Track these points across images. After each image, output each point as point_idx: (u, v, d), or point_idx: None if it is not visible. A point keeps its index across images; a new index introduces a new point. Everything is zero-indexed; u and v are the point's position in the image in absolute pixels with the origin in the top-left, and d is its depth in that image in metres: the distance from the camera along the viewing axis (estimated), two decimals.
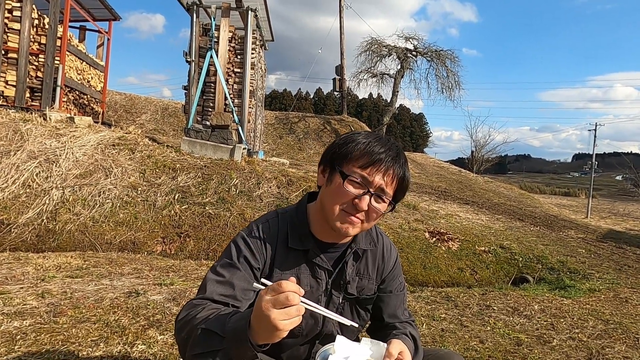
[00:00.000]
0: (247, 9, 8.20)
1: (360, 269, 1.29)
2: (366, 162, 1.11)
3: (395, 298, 1.35)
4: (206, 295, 1.08)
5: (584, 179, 63.71)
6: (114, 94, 16.39)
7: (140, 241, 5.08)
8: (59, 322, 2.51)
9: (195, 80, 8.02)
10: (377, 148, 1.12)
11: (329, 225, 1.17)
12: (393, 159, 1.12)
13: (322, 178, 1.20)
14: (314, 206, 1.24)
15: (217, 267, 1.15)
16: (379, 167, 1.11)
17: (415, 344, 1.26)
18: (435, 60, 20.27)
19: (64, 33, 8.38)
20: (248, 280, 1.14)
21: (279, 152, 15.21)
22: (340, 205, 1.13)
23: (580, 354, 2.74)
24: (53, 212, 5.21)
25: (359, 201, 1.10)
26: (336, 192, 1.13)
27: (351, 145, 1.14)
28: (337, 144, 1.18)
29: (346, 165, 1.13)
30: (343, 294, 1.26)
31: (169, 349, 2.30)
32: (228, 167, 6.92)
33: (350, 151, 1.13)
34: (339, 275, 1.25)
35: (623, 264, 6.14)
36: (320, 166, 1.22)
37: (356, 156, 1.12)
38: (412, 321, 1.37)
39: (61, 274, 3.58)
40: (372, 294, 1.31)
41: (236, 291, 1.11)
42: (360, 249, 1.28)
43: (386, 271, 1.34)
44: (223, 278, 1.12)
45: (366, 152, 1.12)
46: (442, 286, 4.87)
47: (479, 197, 11.85)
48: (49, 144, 6.33)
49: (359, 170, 1.11)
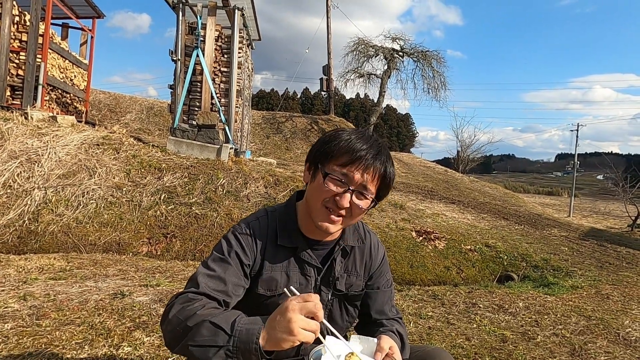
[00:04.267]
0: (234, 7, 8.16)
1: (348, 265, 1.30)
2: (347, 159, 1.12)
3: (382, 294, 1.36)
4: (200, 289, 1.07)
5: (567, 178, 64.98)
6: (97, 92, 16.12)
7: (126, 242, 5.01)
8: (42, 324, 2.46)
9: (181, 80, 7.94)
10: (358, 145, 1.13)
11: (313, 223, 1.18)
12: (374, 156, 1.13)
13: (307, 175, 1.22)
14: (302, 204, 1.25)
15: (208, 261, 1.15)
16: (359, 164, 1.11)
17: (402, 341, 1.28)
18: (421, 61, 20.42)
19: (45, 30, 8.22)
20: (239, 276, 1.15)
21: (266, 152, 15.16)
22: (322, 202, 1.14)
23: (563, 350, 2.80)
24: (35, 213, 5.11)
25: (340, 198, 1.12)
26: (318, 190, 1.14)
27: (334, 142, 1.15)
28: (321, 142, 1.19)
29: (328, 163, 1.14)
30: (332, 290, 1.27)
31: (155, 351, 2.27)
32: (215, 167, 6.87)
33: (332, 149, 1.14)
34: (327, 272, 1.26)
35: (604, 261, 6.29)
36: (306, 164, 1.23)
37: (338, 154, 1.13)
38: (400, 318, 1.38)
39: (44, 276, 3.51)
40: (360, 291, 1.32)
41: (228, 286, 1.11)
42: (349, 246, 1.29)
43: (374, 268, 1.35)
44: (214, 272, 1.12)
45: (347, 150, 1.12)
46: (429, 284, 4.92)
47: (465, 196, 11.99)
48: (30, 143, 6.20)
49: (340, 168, 1.12)
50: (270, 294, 1.20)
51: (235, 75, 8.27)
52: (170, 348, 1.01)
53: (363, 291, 1.34)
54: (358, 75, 21.07)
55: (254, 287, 1.20)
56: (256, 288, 1.20)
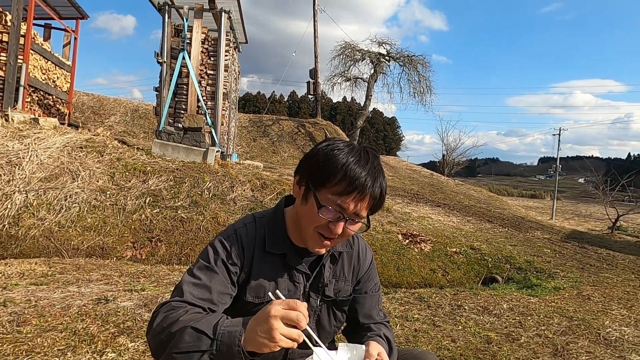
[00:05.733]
0: (221, 10, 8.12)
1: (336, 271, 1.30)
2: (343, 189, 1.07)
3: (370, 299, 1.36)
4: (184, 298, 1.06)
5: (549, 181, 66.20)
6: (81, 94, 15.86)
7: (110, 246, 4.93)
8: (23, 331, 2.41)
9: (167, 82, 7.87)
10: (357, 172, 1.07)
11: (304, 243, 1.19)
12: (371, 185, 1.09)
13: (297, 190, 1.17)
14: (291, 211, 1.24)
15: (194, 270, 1.13)
16: (355, 195, 1.08)
17: (389, 345, 1.28)
18: (407, 65, 20.66)
19: (27, 31, 8.07)
20: (225, 284, 1.13)
21: (253, 155, 15.09)
22: (315, 227, 1.13)
23: (546, 350, 2.85)
24: (16, 217, 5.00)
25: (334, 226, 1.11)
26: (311, 216, 1.12)
27: (329, 166, 1.09)
28: (315, 161, 1.12)
29: (323, 190, 1.10)
30: (320, 296, 1.27)
31: (140, 357, 2.24)
32: (201, 170, 6.82)
33: (327, 175, 1.09)
34: (316, 278, 1.26)
35: (585, 262, 6.42)
36: (296, 177, 1.18)
37: (333, 181, 1.08)
38: (387, 322, 1.39)
39: (25, 282, 3.44)
40: (348, 296, 1.32)
41: (213, 295, 1.09)
42: (337, 252, 1.29)
43: (361, 272, 1.35)
44: (200, 281, 1.10)
45: (344, 178, 1.07)
46: (415, 287, 4.95)
47: (450, 199, 12.12)
48: (11, 146, 6.06)
49: (335, 198, 1.08)
50: (259, 301, 1.18)
51: (222, 78, 8.23)
52: (156, 357, 1.00)
53: (351, 296, 1.33)
54: (345, 79, 21.21)
55: (242, 294, 1.19)
56: (244, 295, 1.18)
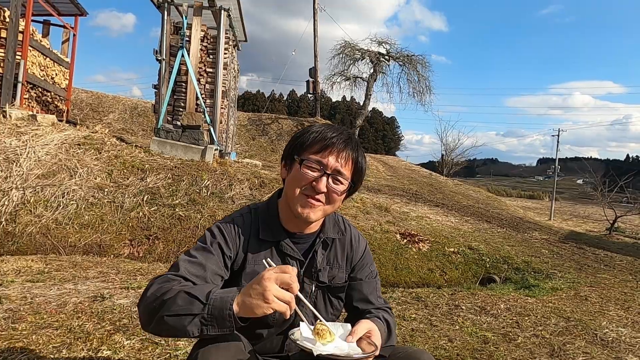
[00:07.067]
0: (220, 8, 8.10)
1: (330, 257, 1.34)
2: (320, 147, 1.20)
3: (367, 285, 1.39)
4: (179, 273, 1.10)
5: (548, 182, 66.34)
6: (79, 91, 15.81)
7: (107, 244, 4.92)
8: (18, 328, 2.40)
9: (166, 80, 7.85)
10: (329, 134, 1.21)
11: (293, 214, 1.23)
12: (344, 141, 1.21)
13: (284, 171, 1.28)
14: (282, 200, 1.30)
15: (191, 250, 1.19)
16: (331, 149, 1.19)
17: (388, 329, 1.29)
18: (407, 65, 20.63)
19: (26, 27, 8.04)
20: (219, 265, 1.18)
21: (252, 154, 15.07)
22: (300, 188, 1.19)
23: (543, 350, 2.84)
24: (12, 213, 4.98)
25: (317, 183, 1.18)
26: (295, 177, 1.20)
27: (306, 135, 1.24)
28: (294, 137, 1.27)
29: (303, 153, 1.21)
30: (315, 282, 1.30)
31: (136, 354, 2.23)
32: (199, 168, 6.81)
33: (305, 140, 1.22)
34: (310, 264, 1.29)
35: (583, 263, 6.42)
36: (282, 161, 1.29)
37: (311, 143, 1.21)
38: (388, 308, 1.41)
39: (21, 278, 3.42)
40: (343, 282, 1.35)
41: (207, 273, 1.14)
42: (329, 238, 1.33)
43: (355, 259, 1.38)
44: (195, 259, 1.15)
45: (319, 139, 1.21)
46: (412, 287, 4.95)
47: (449, 199, 12.12)
48: (8, 142, 6.05)
49: (314, 156, 1.19)
50: None
51: (221, 76, 8.21)
52: (145, 326, 1.02)
53: (346, 283, 1.36)
54: (344, 78, 21.17)
55: (238, 281, 1.22)
56: (240, 282, 1.22)
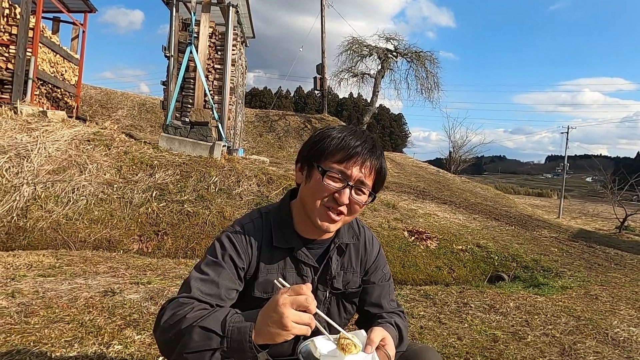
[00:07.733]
0: (229, 4, 8.10)
1: (344, 263, 1.29)
2: (343, 156, 1.12)
3: (379, 289, 1.35)
4: (191, 294, 1.05)
5: (556, 180, 65.76)
6: (88, 88, 15.93)
7: (116, 239, 4.96)
8: (31, 322, 2.43)
9: (174, 76, 7.87)
10: (352, 142, 1.13)
11: (311, 222, 1.17)
12: (369, 151, 1.14)
13: (300, 176, 1.20)
14: (296, 204, 1.24)
15: (202, 265, 1.13)
16: (355, 160, 1.11)
17: (400, 334, 1.25)
18: (415, 62, 20.48)
19: (36, 24, 8.10)
20: (232, 279, 1.12)
21: (259, 150, 15.10)
22: (321, 200, 1.13)
23: (553, 350, 2.82)
24: (24, 209, 5.04)
25: (340, 195, 1.11)
26: (316, 188, 1.13)
27: (327, 141, 1.14)
28: (313, 141, 1.18)
29: (324, 161, 1.13)
30: (329, 289, 1.27)
31: (146, 349, 2.25)
32: (207, 164, 6.83)
33: (326, 147, 1.14)
34: (324, 271, 1.25)
35: (593, 262, 6.36)
36: (298, 164, 1.22)
37: (332, 151, 1.13)
38: (401, 311, 1.36)
39: (32, 273, 3.46)
40: (357, 287, 1.32)
41: (221, 289, 1.09)
42: (344, 243, 1.28)
43: (369, 263, 1.35)
44: (207, 277, 1.09)
45: (342, 147, 1.12)
46: (420, 284, 4.94)
47: (457, 197, 12.06)
48: (19, 138, 6.11)
49: (337, 165, 1.12)
50: (267, 297, 1.17)
51: (229, 73, 8.22)
52: (166, 355, 0.99)
53: (360, 287, 1.33)
54: (352, 75, 21.10)
55: (250, 290, 1.18)
56: (252, 291, 1.18)
